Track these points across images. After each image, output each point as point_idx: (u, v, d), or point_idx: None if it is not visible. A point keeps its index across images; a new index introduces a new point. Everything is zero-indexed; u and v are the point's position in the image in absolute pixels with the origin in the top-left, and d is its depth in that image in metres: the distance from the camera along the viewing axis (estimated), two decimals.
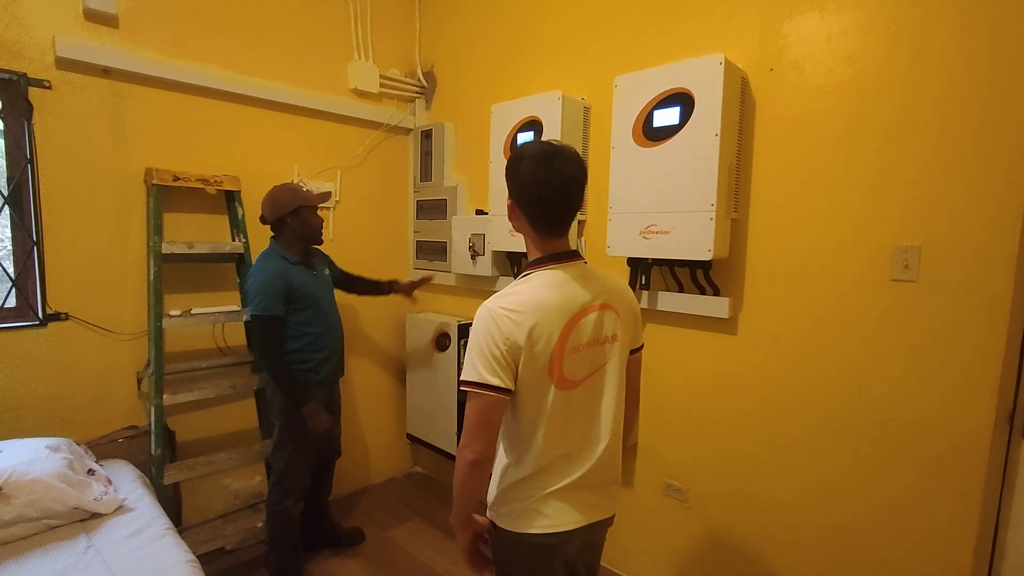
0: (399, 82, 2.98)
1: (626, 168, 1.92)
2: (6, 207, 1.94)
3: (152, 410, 2.10)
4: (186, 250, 2.17)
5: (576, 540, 1.17)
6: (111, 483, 1.78)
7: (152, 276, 2.10)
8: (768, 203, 1.79)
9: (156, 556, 1.52)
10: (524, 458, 1.13)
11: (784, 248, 1.76)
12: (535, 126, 2.23)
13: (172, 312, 2.15)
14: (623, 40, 2.13)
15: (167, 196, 2.21)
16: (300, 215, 2.10)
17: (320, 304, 2.15)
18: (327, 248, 2.39)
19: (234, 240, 2.38)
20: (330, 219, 2.75)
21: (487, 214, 2.55)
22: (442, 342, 2.71)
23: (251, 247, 2.36)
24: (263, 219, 2.14)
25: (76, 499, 1.62)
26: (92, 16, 2.02)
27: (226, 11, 2.35)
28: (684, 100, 1.76)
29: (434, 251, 2.96)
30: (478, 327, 1.08)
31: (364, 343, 2.99)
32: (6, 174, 1.95)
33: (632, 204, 1.90)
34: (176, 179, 2.16)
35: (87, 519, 1.65)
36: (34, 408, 1.99)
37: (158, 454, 2.09)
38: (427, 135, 2.96)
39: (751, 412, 1.86)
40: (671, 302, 1.98)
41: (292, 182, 2.57)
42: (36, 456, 1.65)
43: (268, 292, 1.99)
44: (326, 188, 2.69)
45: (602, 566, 1.85)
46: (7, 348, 1.93)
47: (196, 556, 1.58)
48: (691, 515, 2.05)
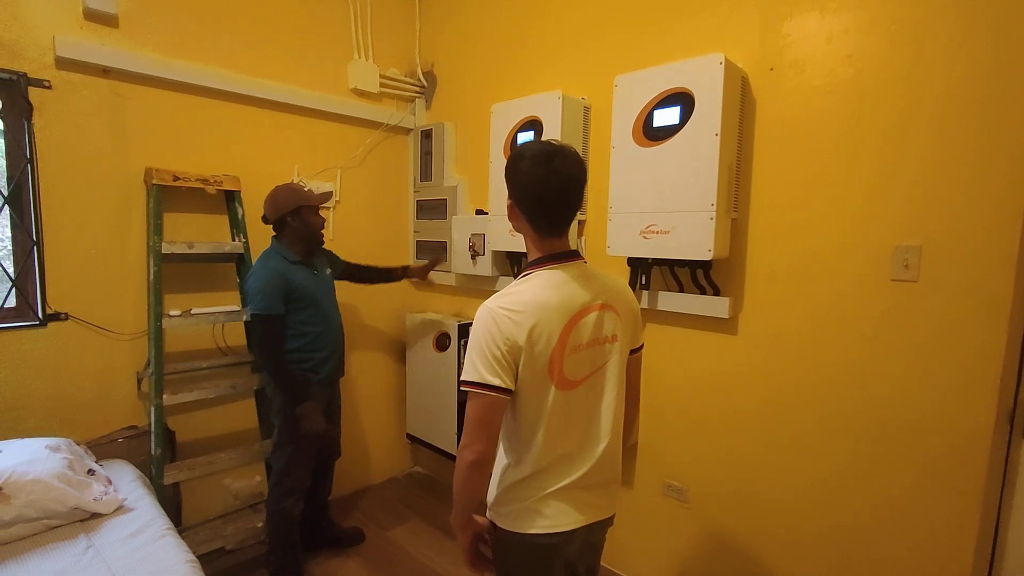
0: (399, 82, 2.98)
1: (626, 168, 1.92)
2: (6, 207, 1.94)
3: (152, 410, 2.10)
4: (186, 250, 2.17)
5: (576, 540, 1.17)
6: (111, 483, 1.78)
7: (152, 276, 2.10)
8: (768, 203, 1.79)
9: (156, 556, 1.52)
10: (524, 458, 1.13)
11: (784, 248, 1.76)
12: (535, 126, 2.22)
13: (172, 312, 2.15)
14: (623, 39, 2.13)
15: (167, 196, 2.21)
16: (300, 215, 2.10)
17: (320, 303, 2.15)
18: (327, 248, 2.39)
19: (234, 240, 2.38)
20: (330, 219, 2.75)
21: (487, 214, 2.55)
22: (442, 342, 2.71)
23: (251, 247, 2.36)
24: (265, 219, 2.14)
25: (76, 499, 1.62)
26: (92, 16, 2.01)
27: (226, 11, 2.35)
28: (684, 100, 1.76)
29: (434, 251, 2.95)
30: (478, 327, 1.08)
31: (364, 343, 2.99)
32: (6, 174, 1.95)
33: (632, 204, 1.90)
34: (176, 179, 2.16)
35: (87, 519, 1.65)
36: (34, 408, 1.99)
37: (158, 454, 2.09)
38: (427, 135, 2.96)
39: (751, 412, 1.86)
40: (671, 302, 1.98)
41: (293, 182, 2.57)
42: (36, 456, 1.65)
43: (268, 291, 1.99)
44: (326, 188, 2.69)
45: (602, 566, 1.85)
46: (7, 348, 1.93)
47: (196, 556, 1.58)
48: (691, 515, 2.05)
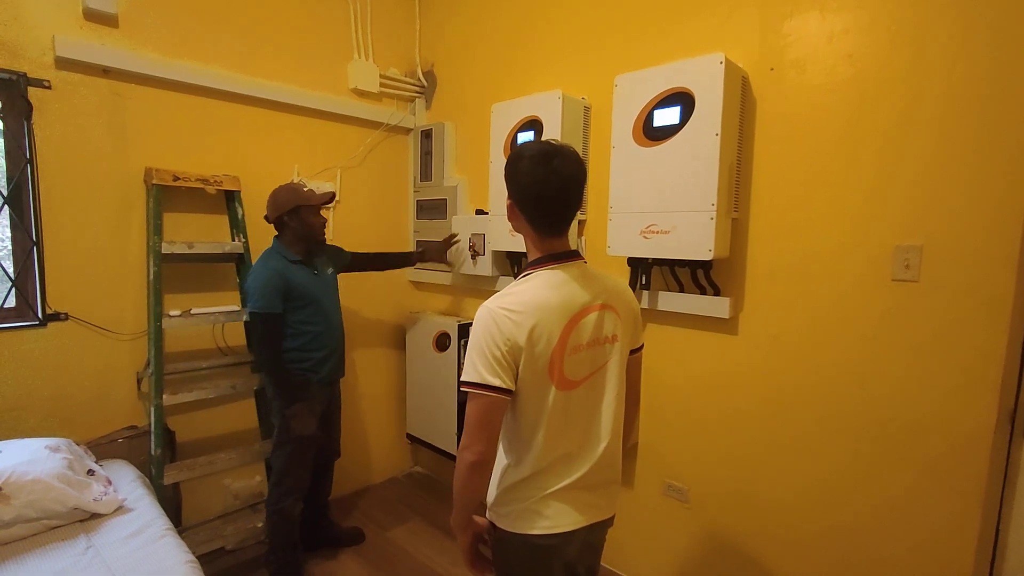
0: (399, 82, 2.98)
1: (626, 168, 1.92)
2: (6, 207, 1.94)
3: (152, 410, 2.10)
4: (186, 250, 2.17)
5: (576, 541, 1.17)
6: (111, 483, 1.78)
7: (152, 276, 2.10)
8: (769, 203, 1.79)
9: (156, 556, 1.52)
10: (524, 459, 1.13)
11: (785, 248, 1.76)
12: (535, 126, 2.22)
13: (172, 312, 2.15)
14: (623, 39, 2.13)
15: (167, 196, 2.21)
16: (298, 215, 2.10)
17: (320, 303, 2.15)
18: (332, 243, 2.38)
19: (234, 240, 2.38)
20: (330, 219, 2.75)
21: (487, 214, 2.55)
22: (442, 342, 2.71)
23: (251, 247, 2.36)
24: (267, 218, 2.15)
25: (76, 499, 1.62)
26: (92, 16, 2.01)
27: (226, 11, 2.35)
28: (684, 99, 1.75)
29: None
30: (478, 327, 1.08)
31: (364, 343, 2.99)
32: (6, 174, 1.95)
33: (632, 204, 1.90)
34: (176, 179, 2.16)
35: (87, 519, 1.65)
36: (34, 408, 1.99)
37: (158, 454, 2.09)
38: (427, 135, 2.95)
39: (751, 412, 1.86)
40: (671, 302, 1.97)
41: (294, 181, 2.57)
42: (36, 456, 1.65)
43: (266, 290, 2.00)
44: (327, 188, 2.69)
45: (602, 566, 1.85)
46: (7, 348, 1.93)
47: (196, 556, 1.57)
48: (691, 515, 2.05)
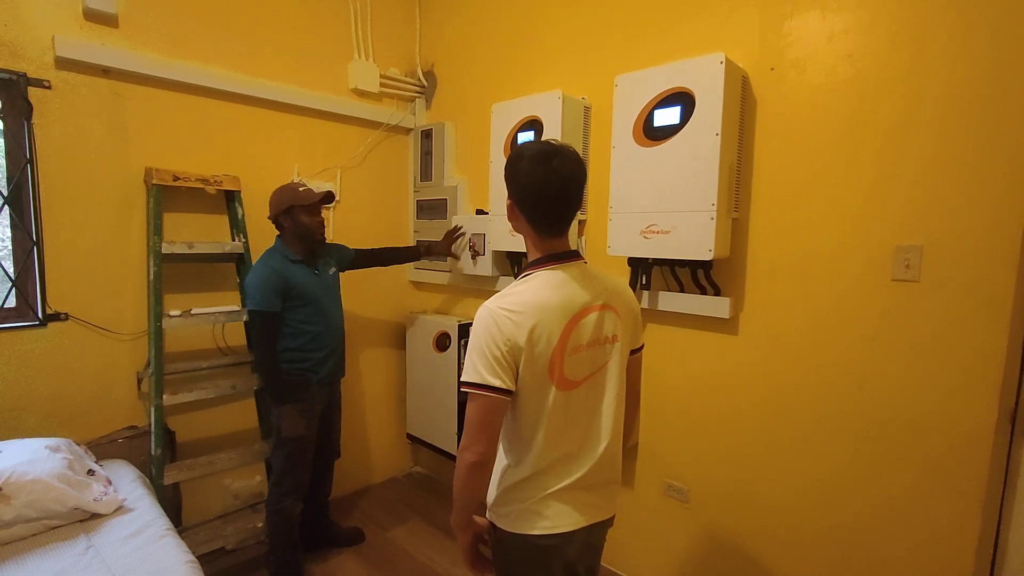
0: (399, 82, 2.97)
1: (626, 168, 1.92)
2: (6, 207, 1.94)
3: (152, 410, 2.10)
4: (186, 250, 2.17)
5: (576, 541, 1.17)
6: (111, 483, 1.78)
7: (152, 276, 2.10)
8: (769, 202, 1.79)
9: (156, 556, 1.52)
10: (524, 459, 1.13)
11: (785, 248, 1.76)
12: (535, 126, 2.22)
13: (172, 312, 2.15)
14: (623, 39, 2.13)
15: (167, 196, 2.20)
16: (292, 214, 2.09)
17: (320, 303, 2.15)
18: (334, 242, 2.38)
19: (234, 240, 2.37)
20: (330, 219, 2.75)
21: (487, 214, 2.55)
22: (442, 342, 2.71)
23: (251, 247, 2.36)
24: (269, 217, 2.15)
25: (76, 499, 1.62)
26: (92, 16, 2.01)
27: (226, 11, 2.35)
28: (685, 99, 1.75)
29: None
30: (478, 328, 1.08)
31: (364, 343, 2.99)
32: (6, 174, 1.95)
33: (632, 204, 1.90)
34: (176, 179, 2.16)
35: (87, 519, 1.65)
36: (34, 408, 1.99)
37: (158, 454, 2.09)
38: (427, 135, 2.95)
39: (751, 412, 1.86)
40: (672, 302, 1.97)
41: (294, 181, 2.56)
42: (36, 456, 1.65)
43: (265, 288, 2.00)
44: (326, 188, 2.69)
45: (602, 566, 1.85)
46: (7, 348, 1.93)
47: (196, 556, 1.57)
48: (691, 515, 2.05)
